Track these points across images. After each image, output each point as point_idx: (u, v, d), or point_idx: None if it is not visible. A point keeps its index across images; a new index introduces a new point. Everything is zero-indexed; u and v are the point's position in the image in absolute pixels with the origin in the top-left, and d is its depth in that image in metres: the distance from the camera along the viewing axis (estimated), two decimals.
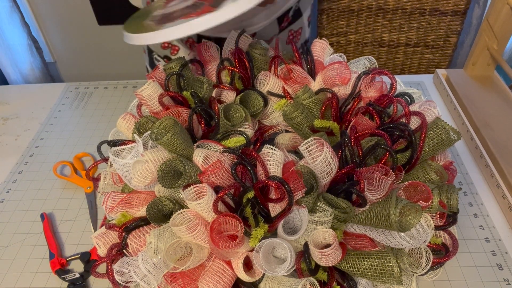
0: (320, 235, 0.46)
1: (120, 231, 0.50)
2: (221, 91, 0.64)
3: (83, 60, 2.02)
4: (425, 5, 1.33)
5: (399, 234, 0.45)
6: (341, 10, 1.40)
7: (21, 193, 0.72)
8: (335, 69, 0.61)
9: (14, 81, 1.90)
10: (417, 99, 0.59)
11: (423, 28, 1.39)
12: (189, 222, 0.45)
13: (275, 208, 0.46)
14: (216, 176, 0.47)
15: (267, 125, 0.69)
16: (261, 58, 0.65)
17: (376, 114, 0.54)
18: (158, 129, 0.50)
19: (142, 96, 0.59)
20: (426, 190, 0.46)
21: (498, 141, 0.70)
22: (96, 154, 0.77)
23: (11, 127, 0.87)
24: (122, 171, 0.51)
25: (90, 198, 0.70)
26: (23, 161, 0.79)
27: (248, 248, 0.47)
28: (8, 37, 1.79)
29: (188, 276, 0.47)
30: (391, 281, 0.45)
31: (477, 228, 0.61)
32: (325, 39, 0.66)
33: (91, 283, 0.58)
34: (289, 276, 0.46)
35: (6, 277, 0.60)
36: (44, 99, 0.94)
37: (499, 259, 0.57)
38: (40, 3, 1.81)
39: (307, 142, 0.47)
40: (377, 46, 1.47)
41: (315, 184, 0.46)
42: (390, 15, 1.38)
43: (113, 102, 0.92)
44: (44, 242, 0.64)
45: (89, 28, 1.87)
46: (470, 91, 0.82)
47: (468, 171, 0.70)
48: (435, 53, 1.44)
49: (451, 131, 0.50)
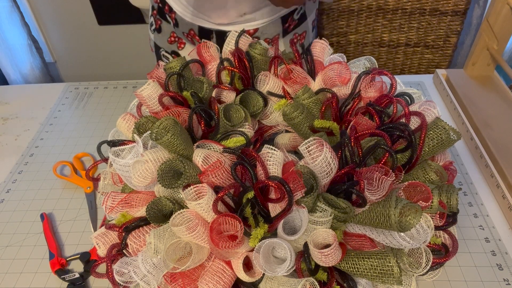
0: (320, 235, 0.46)
1: (120, 231, 0.50)
2: (221, 91, 0.64)
3: (83, 60, 2.02)
4: (425, 5, 1.33)
5: (399, 234, 0.45)
6: (341, 10, 1.40)
7: (21, 193, 0.72)
8: (335, 69, 0.61)
9: (14, 81, 1.90)
10: (417, 99, 0.59)
11: (423, 28, 1.39)
12: (189, 222, 0.44)
13: (275, 208, 0.46)
14: (216, 176, 0.47)
15: (267, 125, 0.69)
16: (261, 58, 0.65)
17: (376, 114, 0.54)
18: (158, 129, 0.49)
19: (142, 96, 0.59)
20: (426, 190, 0.46)
21: (498, 141, 0.70)
22: (96, 154, 0.77)
23: (11, 127, 0.87)
24: (122, 171, 0.51)
25: (90, 198, 0.70)
26: (23, 161, 0.79)
27: (248, 248, 0.47)
28: (8, 37, 1.79)
29: (188, 276, 0.47)
30: (391, 281, 0.45)
31: (477, 228, 0.61)
32: (325, 39, 0.66)
33: (91, 283, 0.58)
34: (289, 276, 0.46)
35: (6, 277, 0.60)
36: (44, 99, 0.94)
37: (499, 259, 0.57)
38: (40, 3, 1.81)
39: (307, 142, 0.47)
40: (377, 46, 1.47)
41: (315, 184, 0.46)
42: (390, 15, 1.38)
43: (113, 102, 0.92)
44: (44, 242, 0.64)
45: (89, 28, 1.87)
46: (470, 91, 0.82)
47: (468, 171, 0.70)
48: (435, 53, 1.44)
49: (451, 131, 0.50)
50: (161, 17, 0.95)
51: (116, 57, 1.96)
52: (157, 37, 0.99)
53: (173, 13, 0.90)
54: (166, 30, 0.95)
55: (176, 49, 0.97)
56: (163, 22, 0.94)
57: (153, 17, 0.98)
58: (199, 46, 0.66)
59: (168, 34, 0.96)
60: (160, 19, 0.95)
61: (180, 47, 0.96)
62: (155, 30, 0.98)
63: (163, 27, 0.95)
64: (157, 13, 0.95)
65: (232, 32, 0.66)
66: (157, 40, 0.99)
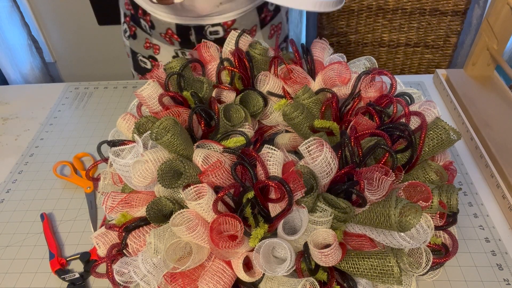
0: (320, 235, 0.46)
1: (120, 231, 0.50)
2: (221, 91, 0.64)
3: (83, 60, 2.02)
4: (425, 5, 1.33)
5: (399, 234, 0.45)
6: (341, 10, 1.40)
7: (21, 193, 0.72)
8: (335, 69, 0.61)
9: (14, 81, 1.90)
10: (417, 99, 0.59)
11: (423, 28, 1.39)
12: (189, 222, 0.44)
13: (275, 208, 0.46)
14: (216, 176, 0.47)
15: (267, 125, 0.69)
16: (261, 58, 0.65)
17: (376, 114, 0.54)
18: (158, 129, 0.50)
19: (142, 96, 0.59)
20: (426, 190, 0.46)
21: (498, 141, 0.70)
22: (96, 154, 0.77)
23: (11, 127, 0.87)
24: (122, 171, 0.51)
25: (90, 198, 0.70)
26: (23, 161, 0.79)
27: (248, 248, 0.47)
28: (8, 37, 1.79)
29: (188, 276, 0.47)
30: (391, 281, 0.45)
31: (477, 228, 0.61)
32: (325, 39, 0.66)
33: (91, 283, 0.58)
34: (289, 276, 0.46)
35: (6, 277, 0.60)
36: (44, 99, 0.94)
37: (499, 259, 0.57)
38: (40, 3, 1.81)
39: (307, 142, 0.47)
40: (377, 46, 1.47)
41: (315, 184, 0.46)
42: (390, 15, 1.38)
43: (113, 102, 0.92)
44: (44, 242, 0.64)
45: (89, 28, 1.87)
46: (470, 91, 0.82)
47: (468, 171, 0.70)
48: (435, 53, 1.44)
49: (451, 131, 0.50)
50: (135, 24, 0.94)
51: (116, 57, 1.96)
52: (133, 43, 0.99)
53: (147, 16, 0.89)
54: (141, 36, 0.95)
55: (152, 54, 0.97)
56: (138, 29, 0.95)
57: (126, 23, 0.97)
58: (199, 46, 0.66)
59: (144, 40, 0.96)
60: (134, 26, 0.95)
61: (155, 52, 0.96)
62: (130, 36, 0.98)
63: (138, 33, 0.96)
64: (130, 19, 0.95)
65: (232, 32, 0.66)
66: (133, 46, 0.99)
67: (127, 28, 0.98)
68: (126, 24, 0.98)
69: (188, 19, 0.87)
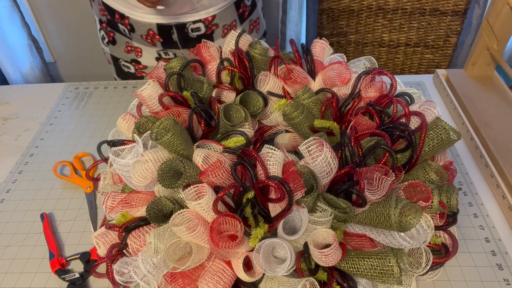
0: (320, 235, 0.46)
1: (120, 231, 0.50)
2: (221, 91, 0.64)
3: (83, 60, 2.02)
4: (425, 5, 1.33)
5: (399, 234, 0.45)
6: (341, 10, 1.40)
7: (21, 193, 0.72)
8: (335, 69, 0.61)
9: (14, 81, 1.90)
10: (417, 99, 0.59)
11: (423, 28, 1.39)
12: (189, 222, 0.45)
13: (275, 208, 0.46)
14: (216, 176, 0.47)
15: (267, 125, 0.69)
16: (261, 58, 0.65)
17: (376, 114, 0.54)
18: (158, 129, 0.50)
19: (142, 96, 0.59)
20: (426, 190, 0.46)
21: (498, 141, 0.70)
22: (96, 154, 0.77)
23: (11, 127, 0.87)
24: (122, 171, 0.51)
25: (90, 198, 0.70)
26: (23, 161, 0.79)
27: (248, 248, 0.47)
28: (8, 37, 1.79)
29: (188, 276, 0.47)
30: (391, 281, 0.45)
31: (477, 228, 0.61)
32: (325, 39, 0.66)
33: (91, 283, 0.58)
34: (289, 276, 0.46)
35: (6, 277, 0.60)
36: (44, 99, 0.94)
37: (499, 259, 0.57)
38: (40, 3, 1.81)
39: (307, 142, 0.47)
40: (377, 46, 1.47)
41: (315, 184, 0.46)
42: (390, 15, 1.38)
43: (113, 102, 0.92)
44: (44, 242, 0.64)
45: (89, 28, 1.87)
46: (470, 91, 0.82)
47: (468, 171, 0.70)
48: (435, 53, 1.44)
49: (451, 131, 0.50)
50: (113, 29, 0.94)
51: None
52: (113, 49, 0.98)
53: (126, 19, 0.89)
54: (121, 40, 0.95)
55: (135, 57, 0.96)
56: (116, 34, 0.94)
57: (103, 30, 0.96)
58: (199, 46, 0.66)
59: (124, 45, 0.95)
60: (112, 31, 0.94)
61: (138, 55, 0.96)
62: (109, 42, 0.97)
63: (117, 38, 0.95)
64: (107, 25, 0.94)
65: (232, 32, 0.66)
66: (114, 52, 0.99)
67: (104, 34, 0.97)
68: (103, 30, 0.97)
69: (169, 18, 0.87)
